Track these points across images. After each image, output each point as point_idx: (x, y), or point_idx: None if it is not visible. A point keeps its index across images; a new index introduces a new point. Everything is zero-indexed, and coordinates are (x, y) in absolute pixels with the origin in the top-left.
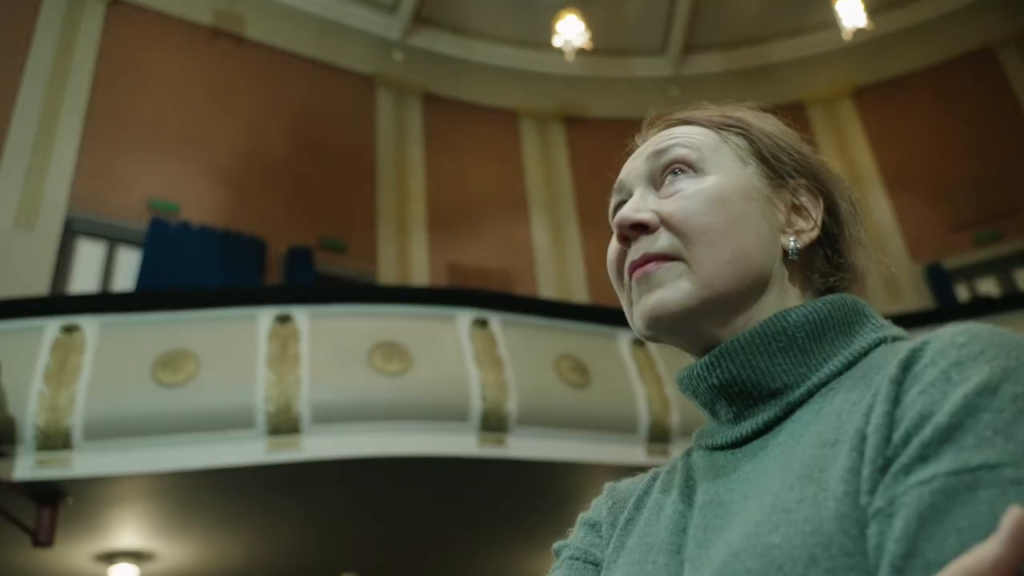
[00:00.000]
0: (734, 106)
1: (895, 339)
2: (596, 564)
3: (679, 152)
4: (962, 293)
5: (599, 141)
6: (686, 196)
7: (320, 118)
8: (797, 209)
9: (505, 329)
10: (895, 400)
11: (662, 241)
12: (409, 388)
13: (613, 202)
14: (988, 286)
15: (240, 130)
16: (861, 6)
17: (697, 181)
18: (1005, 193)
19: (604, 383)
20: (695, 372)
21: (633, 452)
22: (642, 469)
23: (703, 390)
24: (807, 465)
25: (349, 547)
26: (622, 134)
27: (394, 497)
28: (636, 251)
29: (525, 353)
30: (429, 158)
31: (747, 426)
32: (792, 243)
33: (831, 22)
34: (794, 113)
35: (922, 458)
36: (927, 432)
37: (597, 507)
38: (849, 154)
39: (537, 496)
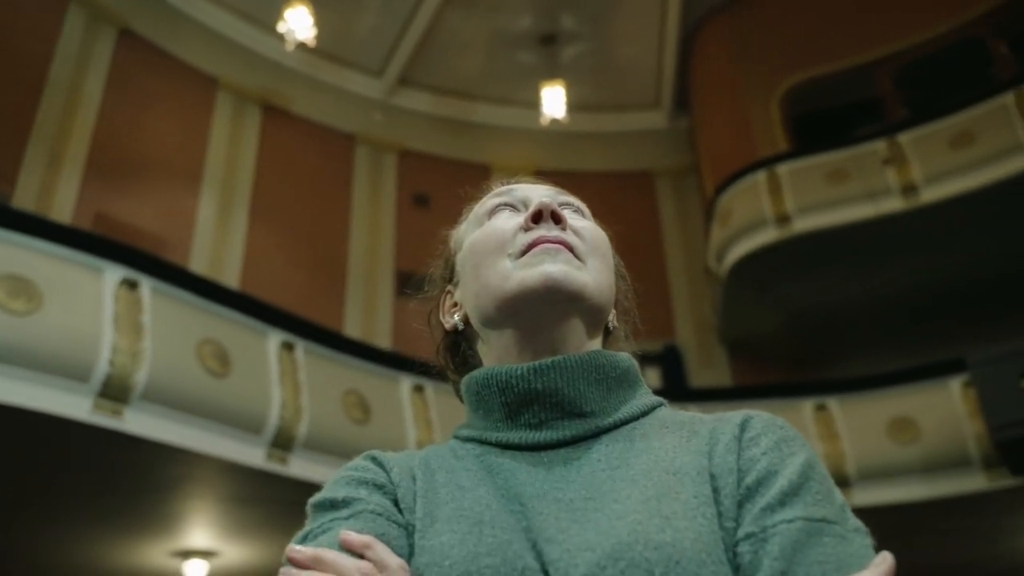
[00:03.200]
0: None
1: (665, 405)
2: (400, 525)
3: (580, 204)
4: None
5: (293, 138)
6: (591, 226)
7: None
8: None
9: (155, 297)
10: (737, 453)
11: (575, 240)
12: (30, 332)
13: (496, 201)
14: None
15: None
16: (564, 100)
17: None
18: None
19: (243, 378)
20: (519, 372)
21: (253, 453)
22: (257, 472)
23: (520, 391)
24: (662, 486)
25: None
26: (317, 139)
27: None
28: (550, 230)
29: (170, 327)
30: (108, 96)
31: (551, 434)
32: (612, 319)
33: (534, 104)
34: (479, 173)
35: (782, 503)
36: (783, 483)
37: (372, 472)
38: None
39: (142, 477)
